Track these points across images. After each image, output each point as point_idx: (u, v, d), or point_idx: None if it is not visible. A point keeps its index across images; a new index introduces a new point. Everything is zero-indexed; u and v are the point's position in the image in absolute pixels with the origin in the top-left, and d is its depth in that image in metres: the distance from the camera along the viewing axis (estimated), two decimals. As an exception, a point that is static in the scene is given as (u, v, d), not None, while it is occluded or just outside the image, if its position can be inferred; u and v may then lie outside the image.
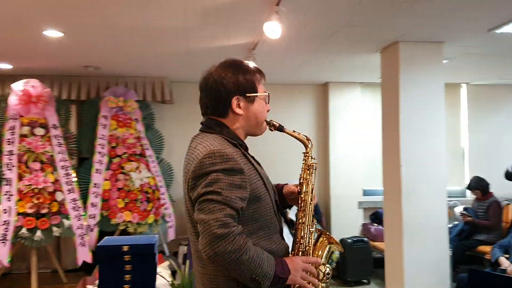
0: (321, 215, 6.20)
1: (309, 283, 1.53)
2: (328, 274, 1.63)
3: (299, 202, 1.68)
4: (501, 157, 6.25)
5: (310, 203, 1.67)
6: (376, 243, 5.80)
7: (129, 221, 5.32)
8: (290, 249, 1.63)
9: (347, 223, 6.35)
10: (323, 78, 6.31)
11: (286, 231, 1.69)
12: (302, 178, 1.70)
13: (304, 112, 6.68)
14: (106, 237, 2.86)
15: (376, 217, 6.20)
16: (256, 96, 1.60)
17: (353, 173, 6.44)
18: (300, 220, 1.65)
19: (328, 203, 6.49)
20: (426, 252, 4.17)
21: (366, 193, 6.54)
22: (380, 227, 6.02)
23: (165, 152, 6.05)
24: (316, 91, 6.72)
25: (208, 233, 1.36)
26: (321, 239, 1.70)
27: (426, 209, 4.19)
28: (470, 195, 6.16)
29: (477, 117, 6.79)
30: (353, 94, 6.51)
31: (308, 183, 1.69)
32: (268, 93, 1.66)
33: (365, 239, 5.76)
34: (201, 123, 1.64)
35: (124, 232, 5.31)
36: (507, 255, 4.32)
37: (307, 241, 1.63)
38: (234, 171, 1.42)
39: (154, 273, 2.63)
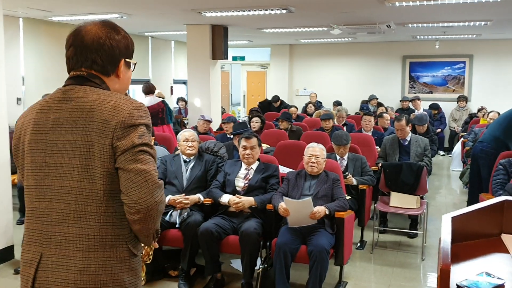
0: None
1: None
2: None
3: None
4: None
5: None
6: None
7: None
8: None
9: None
10: None
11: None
12: None
13: None
14: None
15: None
16: (131, 62, 1.56)
17: None
18: None
19: None
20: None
21: None
22: None
23: None
24: None
25: (151, 183, 1.36)
26: None
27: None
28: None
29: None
30: None
31: None
32: (136, 62, 1.59)
33: None
34: (77, 76, 1.47)
35: None
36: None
37: None
38: (150, 130, 1.45)
39: None
